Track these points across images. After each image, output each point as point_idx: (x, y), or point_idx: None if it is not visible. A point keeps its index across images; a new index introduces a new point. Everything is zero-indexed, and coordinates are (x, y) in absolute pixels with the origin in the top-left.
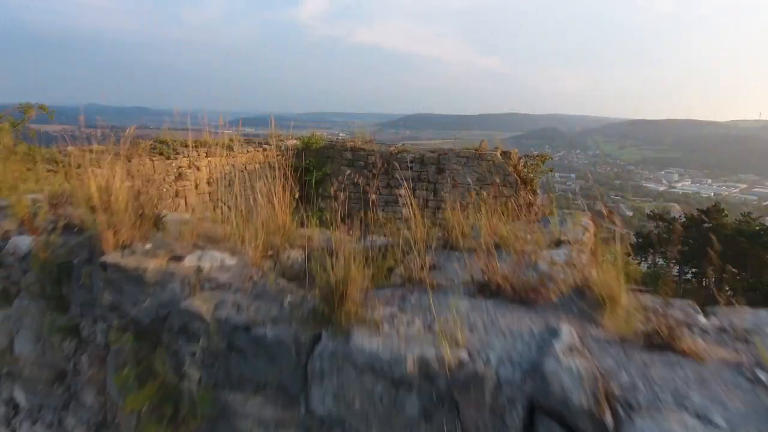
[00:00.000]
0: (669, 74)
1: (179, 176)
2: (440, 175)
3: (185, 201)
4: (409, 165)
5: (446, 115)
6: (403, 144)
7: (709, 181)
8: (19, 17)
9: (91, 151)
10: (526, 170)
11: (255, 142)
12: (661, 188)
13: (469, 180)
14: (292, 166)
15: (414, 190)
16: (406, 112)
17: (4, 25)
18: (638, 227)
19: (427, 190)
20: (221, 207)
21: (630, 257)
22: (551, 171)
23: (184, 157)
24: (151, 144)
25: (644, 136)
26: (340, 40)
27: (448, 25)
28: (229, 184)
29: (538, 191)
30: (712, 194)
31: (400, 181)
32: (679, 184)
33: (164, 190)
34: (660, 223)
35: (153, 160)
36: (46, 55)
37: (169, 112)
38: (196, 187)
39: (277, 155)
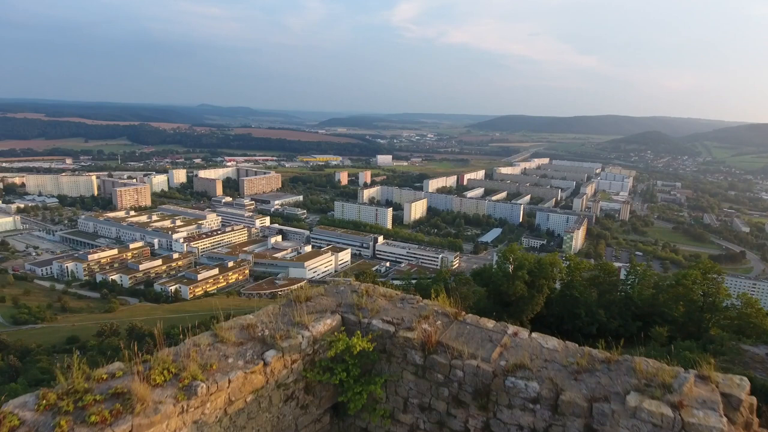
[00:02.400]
0: None
1: None
2: None
3: None
4: (530, 405)
5: (539, 117)
6: (515, 337)
7: None
8: (144, 28)
9: None
10: None
11: (254, 338)
12: None
13: None
14: (315, 378)
15: None
16: (497, 114)
17: (131, 35)
18: (756, 245)
19: None
20: None
21: None
22: None
23: None
24: None
25: (766, 142)
26: (431, 41)
27: (543, 24)
28: None
29: None
30: None
31: (510, 428)
32: None
33: None
34: None
35: None
36: (166, 61)
37: (271, 112)
38: None
39: (293, 362)
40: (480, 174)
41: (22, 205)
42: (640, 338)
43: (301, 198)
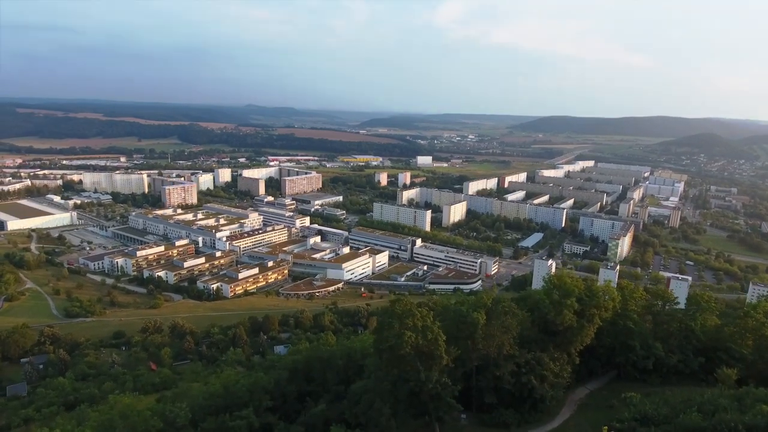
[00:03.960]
0: None
1: None
2: None
3: None
4: None
5: (584, 118)
6: None
7: None
8: (196, 31)
9: None
10: None
11: None
12: None
13: None
14: None
15: None
16: (540, 114)
17: (184, 38)
18: None
19: None
20: None
21: None
22: None
23: None
24: None
25: None
26: (474, 40)
27: (591, 22)
28: None
29: None
30: None
31: None
32: None
33: None
34: None
35: None
36: (216, 63)
37: (313, 112)
38: None
39: None
40: (521, 176)
41: (78, 202)
42: (703, 376)
43: (340, 198)
